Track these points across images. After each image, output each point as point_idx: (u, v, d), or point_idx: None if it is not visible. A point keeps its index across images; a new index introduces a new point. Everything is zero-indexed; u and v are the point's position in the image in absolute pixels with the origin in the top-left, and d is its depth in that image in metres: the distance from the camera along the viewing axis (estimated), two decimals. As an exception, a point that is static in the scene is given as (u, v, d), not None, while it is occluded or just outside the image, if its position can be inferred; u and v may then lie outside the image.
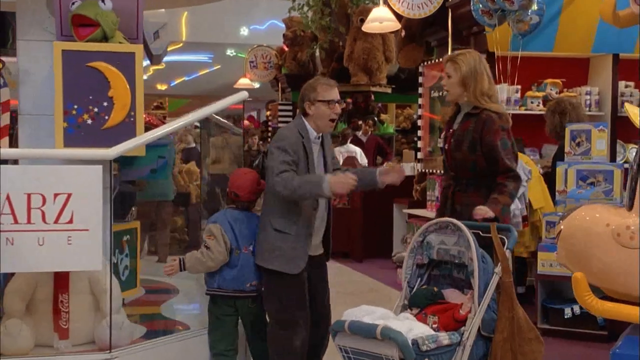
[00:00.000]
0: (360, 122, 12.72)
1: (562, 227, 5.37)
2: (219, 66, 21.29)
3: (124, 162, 5.13)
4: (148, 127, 5.43)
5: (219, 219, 4.68)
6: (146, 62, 21.01)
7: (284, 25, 15.51)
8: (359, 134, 12.55)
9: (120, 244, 5.70)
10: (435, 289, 4.25)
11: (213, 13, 20.40)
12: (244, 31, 21.55)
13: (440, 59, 8.53)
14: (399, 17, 8.61)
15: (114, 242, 5.49)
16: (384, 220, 10.23)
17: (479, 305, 4.00)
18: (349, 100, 13.43)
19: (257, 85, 17.53)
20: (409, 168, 9.93)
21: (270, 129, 16.25)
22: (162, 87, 23.08)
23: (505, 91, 7.91)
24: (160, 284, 6.79)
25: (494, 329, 4.05)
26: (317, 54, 14.93)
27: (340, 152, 11.70)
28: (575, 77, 8.25)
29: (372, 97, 13.55)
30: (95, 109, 4.62)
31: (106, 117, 4.64)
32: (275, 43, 16.32)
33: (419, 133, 8.92)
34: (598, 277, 5.03)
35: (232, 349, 4.68)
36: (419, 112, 8.91)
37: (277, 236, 4.39)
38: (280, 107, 15.24)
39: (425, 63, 8.84)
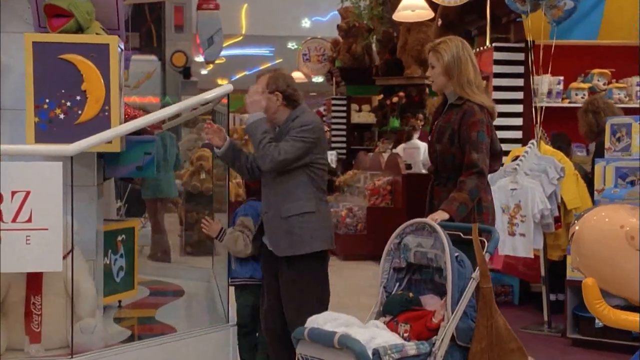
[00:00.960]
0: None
1: (576, 228, 5.17)
2: (280, 60, 21.38)
3: (107, 159, 5.13)
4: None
5: (250, 212, 4.88)
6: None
7: (345, 16, 15.45)
8: (407, 129, 12.40)
9: (115, 244, 5.73)
10: (411, 294, 4.11)
11: (273, 4, 20.54)
12: (306, 23, 21.64)
13: (482, 48, 8.32)
14: (434, 5, 8.43)
15: (107, 242, 5.54)
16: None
17: (452, 312, 3.85)
18: (401, 93, 13.28)
19: (320, 79, 17.49)
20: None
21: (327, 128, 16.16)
22: (222, 82, 23.24)
23: (545, 83, 7.66)
24: (167, 285, 6.83)
25: (472, 338, 3.89)
26: (374, 45, 14.80)
27: (404, 148, 11.61)
28: (624, 66, 7.91)
29: (427, 90, 13.35)
30: (68, 103, 4.64)
31: (79, 112, 4.65)
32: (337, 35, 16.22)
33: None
34: (611, 284, 4.79)
35: None
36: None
37: (312, 218, 4.55)
38: (333, 102, 15.16)
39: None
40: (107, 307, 5.77)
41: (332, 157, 13.06)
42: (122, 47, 5.04)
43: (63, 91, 4.64)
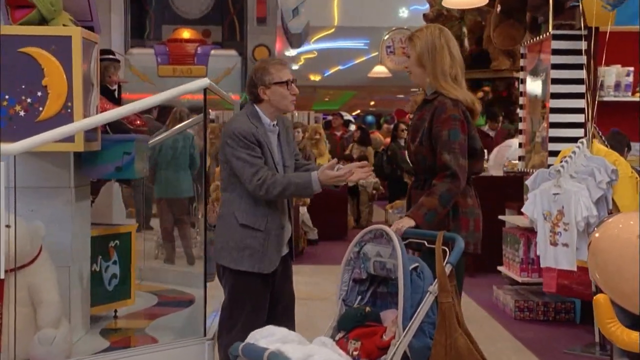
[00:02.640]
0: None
1: (596, 235, 4.91)
2: (376, 53, 21.26)
3: (84, 159, 5.21)
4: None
5: None
6: (295, 52, 21.55)
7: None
8: (485, 128, 12.10)
9: (106, 250, 5.82)
10: (368, 308, 4.00)
11: (368, -7, 20.48)
12: (403, 12, 21.45)
13: (543, 36, 8.03)
14: (491, -12, 8.20)
15: (97, 248, 5.63)
16: (497, 228, 9.76)
17: (404, 329, 3.72)
18: (486, 88, 12.97)
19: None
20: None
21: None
22: (315, 77, 23.40)
23: (613, 74, 7.32)
24: (181, 294, 6.88)
25: (429, 358, 3.75)
26: (465, 36, 14.51)
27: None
28: None
29: (516, 84, 12.99)
30: (29, 100, 4.75)
31: (40, 109, 4.76)
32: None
33: (520, 126, 8.45)
34: (629, 299, 4.56)
35: None
36: (521, 101, 8.44)
37: (245, 233, 4.43)
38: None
39: (527, 42, 8.36)
40: (100, 317, 5.86)
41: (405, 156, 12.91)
42: (97, 40, 5.09)
43: (23, 87, 4.75)
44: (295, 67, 22.65)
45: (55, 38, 4.74)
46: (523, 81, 8.44)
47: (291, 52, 21.62)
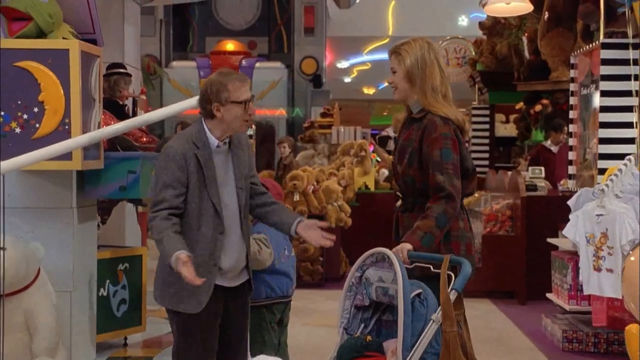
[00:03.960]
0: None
1: (631, 259, 4.83)
2: (435, 64, 21.27)
3: (87, 178, 5.28)
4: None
5: (262, 229, 5.03)
6: (348, 63, 21.63)
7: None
8: (547, 143, 11.95)
9: (115, 273, 5.88)
10: (369, 338, 3.98)
11: (425, 1, 20.46)
12: (463, 21, 21.38)
13: (592, 45, 7.94)
14: (538, -5, 8.14)
15: (104, 272, 5.70)
16: (549, 252, 9.65)
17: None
18: (545, 101, 12.83)
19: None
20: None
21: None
22: (369, 90, 23.37)
23: (674, 88, 7.22)
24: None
25: (431, 392, 3.72)
26: (525, 44, 14.41)
27: None
28: None
29: (578, 96, 12.85)
30: (25, 116, 4.84)
31: (37, 125, 4.84)
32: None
33: (571, 142, 8.35)
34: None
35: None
36: (571, 115, 8.34)
37: (170, 268, 4.12)
38: (474, 112, 14.86)
39: (577, 52, 8.27)
40: (109, 345, 5.92)
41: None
42: (99, 53, 5.17)
43: (19, 102, 4.84)
44: (347, 79, 22.71)
45: (52, 51, 4.83)
46: (574, 93, 8.35)
47: (343, 64, 21.72)
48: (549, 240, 8.68)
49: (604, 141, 7.27)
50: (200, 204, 4.23)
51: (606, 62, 7.46)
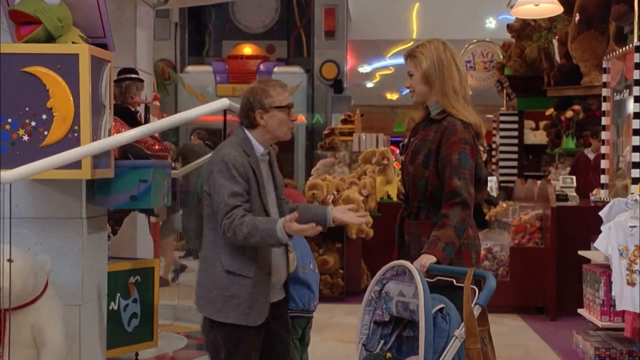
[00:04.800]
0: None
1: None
2: (461, 68, 21.25)
3: (97, 187, 5.31)
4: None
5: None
6: (370, 67, 21.74)
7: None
8: (587, 151, 11.94)
9: (126, 287, 5.91)
10: (389, 354, 3.98)
11: (450, 3, 20.44)
12: (491, 23, 21.36)
13: (629, 46, 7.91)
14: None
15: (115, 285, 5.73)
16: (581, 265, 9.61)
17: (425, 379, 3.69)
18: (576, 107, 12.81)
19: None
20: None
21: (493, 150, 15.80)
22: (392, 96, 23.37)
23: None
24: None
25: (454, 413, 3.72)
26: (555, 48, 14.40)
27: None
28: None
29: (610, 102, 12.81)
30: (33, 123, 4.85)
31: (45, 133, 4.85)
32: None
33: (603, 149, 8.33)
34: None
35: None
36: (603, 121, 8.33)
37: (231, 280, 4.35)
38: (502, 119, 14.85)
39: (609, 55, 8.25)
40: (119, 361, 5.95)
41: (491, 184, 12.79)
42: (110, 58, 5.20)
43: (27, 109, 4.85)
44: (369, 84, 22.72)
45: (61, 56, 4.84)
46: (606, 99, 8.33)
47: (365, 69, 21.73)
48: (580, 252, 8.64)
49: (638, 149, 7.25)
50: (255, 213, 4.33)
51: (640, 66, 7.45)
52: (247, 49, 19.44)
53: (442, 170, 4.27)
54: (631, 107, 7.52)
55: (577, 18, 8.38)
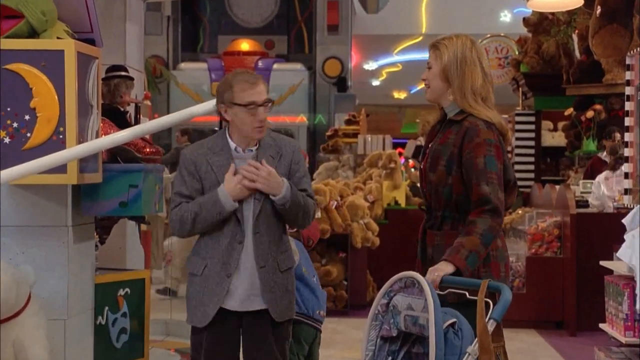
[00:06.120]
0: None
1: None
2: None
3: (84, 192, 5.31)
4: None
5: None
6: (376, 64, 21.76)
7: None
8: (603, 155, 11.94)
9: (114, 299, 5.89)
10: (398, 373, 3.97)
11: (462, -4, 20.48)
12: (505, 16, 21.39)
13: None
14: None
15: (103, 298, 5.72)
16: (603, 276, 9.60)
17: (435, 399, 3.70)
18: (597, 106, 12.80)
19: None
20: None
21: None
22: (400, 94, 23.42)
23: None
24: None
25: None
26: (575, 43, 14.40)
27: (605, 178, 11.21)
28: None
29: (634, 101, 12.80)
30: (15, 124, 4.86)
31: (28, 135, 4.86)
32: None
33: (626, 152, 8.33)
34: None
35: None
36: (626, 121, 8.32)
37: (190, 281, 4.60)
38: (517, 119, 14.84)
39: (633, 51, 8.26)
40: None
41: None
42: (98, 54, 5.20)
43: (9, 109, 4.86)
44: (376, 82, 22.76)
45: (45, 52, 4.84)
46: (630, 98, 8.34)
47: (370, 66, 21.76)
48: (602, 263, 8.63)
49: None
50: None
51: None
52: (245, 45, 19.49)
53: (467, 176, 4.22)
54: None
55: (598, 11, 8.36)
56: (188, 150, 4.50)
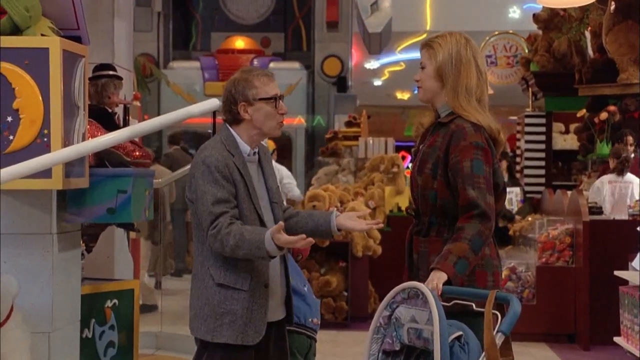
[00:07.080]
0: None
1: None
2: (482, 64, 21.27)
3: (70, 198, 5.31)
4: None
5: None
6: (378, 63, 21.88)
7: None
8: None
9: (101, 311, 5.90)
10: (402, 388, 3.98)
11: (469, -9, 20.49)
12: (514, 12, 21.40)
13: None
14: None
15: (89, 309, 5.73)
16: (617, 287, 9.61)
17: (441, 415, 3.70)
18: (611, 108, 12.80)
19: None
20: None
21: (517, 157, 15.79)
22: (403, 95, 23.39)
23: None
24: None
25: None
26: (588, 41, 14.41)
27: (608, 182, 11.24)
28: None
29: (648, 102, 12.82)
30: (-3, 126, 4.85)
31: (11, 137, 4.87)
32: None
33: (644, 155, 8.34)
34: None
35: None
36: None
37: (224, 294, 4.41)
38: (527, 121, 14.84)
39: (649, 48, 8.27)
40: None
41: (511, 195, 12.77)
42: (84, 52, 5.21)
43: (-10, 110, 4.85)
44: (378, 82, 22.75)
45: (28, 50, 4.85)
46: (646, 99, 8.36)
47: (372, 65, 21.76)
48: (617, 273, 8.65)
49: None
50: (246, 218, 4.40)
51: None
52: (239, 42, 19.50)
53: (454, 181, 4.27)
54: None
55: (612, 7, 8.39)
56: (215, 153, 4.38)
